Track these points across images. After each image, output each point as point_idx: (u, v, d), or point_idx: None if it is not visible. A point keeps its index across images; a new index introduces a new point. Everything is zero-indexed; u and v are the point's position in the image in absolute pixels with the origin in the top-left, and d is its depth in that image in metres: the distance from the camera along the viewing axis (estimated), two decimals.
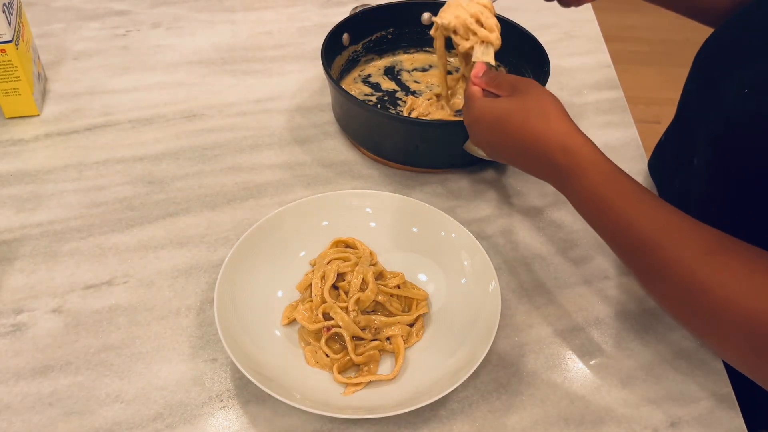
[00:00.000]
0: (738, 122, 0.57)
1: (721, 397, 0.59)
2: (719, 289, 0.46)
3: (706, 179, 0.63)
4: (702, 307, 0.48)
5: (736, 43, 0.63)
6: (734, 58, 0.62)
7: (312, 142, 0.83)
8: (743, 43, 0.61)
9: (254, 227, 0.65)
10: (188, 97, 0.90)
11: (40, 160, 0.79)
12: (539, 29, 0.86)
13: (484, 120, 0.61)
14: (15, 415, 0.56)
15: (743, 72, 0.58)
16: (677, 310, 0.51)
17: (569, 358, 0.62)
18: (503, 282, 0.67)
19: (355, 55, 0.90)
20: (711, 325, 0.48)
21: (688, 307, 0.49)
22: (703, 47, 0.67)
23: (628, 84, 1.04)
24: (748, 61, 0.59)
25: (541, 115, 0.57)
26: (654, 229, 0.50)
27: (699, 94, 0.67)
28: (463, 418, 0.57)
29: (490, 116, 0.60)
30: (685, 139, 0.70)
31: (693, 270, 0.48)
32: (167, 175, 0.78)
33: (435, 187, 0.78)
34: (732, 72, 0.60)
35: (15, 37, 0.78)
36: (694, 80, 0.69)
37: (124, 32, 1.02)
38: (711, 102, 0.63)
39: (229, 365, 0.60)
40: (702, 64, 0.67)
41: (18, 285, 0.66)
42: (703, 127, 0.64)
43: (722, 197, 0.52)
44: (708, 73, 0.66)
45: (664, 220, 0.51)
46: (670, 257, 0.49)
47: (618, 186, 0.53)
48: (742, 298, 0.45)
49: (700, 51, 0.67)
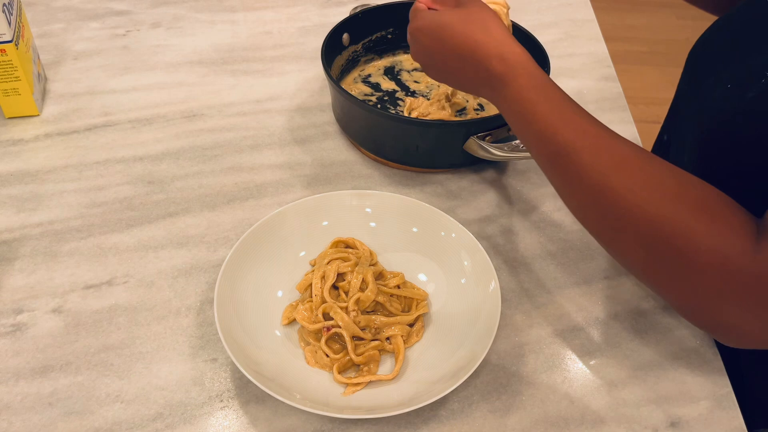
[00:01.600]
0: (722, 118, 0.58)
1: (721, 397, 0.59)
2: (628, 195, 0.49)
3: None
4: (610, 211, 0.51)
5: (723, 41, 0.64)
6: (721, 57, 0.62)
7: (312, 142, 0.83)
8: (730, 43, 0.62)
9: (254, 227, 0.65)
10: (188, 97, 0.90)
11: (40, 160, 0.79)
12: (539, 29, 0.86)
13: (425, 29, 0.63)
14: (15, 415, 0.56)
15: (727, 69, 0.59)
16: (589, 216, 0.54)
17: (569, 358, 0.62)
18: (503, 282, 0.67)
19: (355, 55, 0.90)
20: (617, 230, 0.52)
21: (598, 212, 0.52)
22: (694, 46, 0.68)
23: (628, 84, 1.04)
24: (732, 60, 0.60)
25: (481, 25, 0.59)
26: (574, 135, 0.53)
27: (688, 92, 0.68)
28: (463, 418, 0.57)
29: (432, 25, 0.62)
30: (677, 138, 0.71)
31: (606, 175, 0.51)
32: (167, 175, 0.78)
33: (435, 187, 0.78)
34: (718, 71, 0.61)
35: (15, 37, 0.78)
36: (685, 79, 0.70)
37: (124, 32, 1.02)
38: (698, 100, 0.64)
39: (229, 365, 0.60)
40: (691, 63, 0.68)
41: (18, 285, 0.66)
42: (692, 125, 0.64)
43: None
44: (696, 72, 0.67)
45: (585, 128, 0.53)
46: (587, 163, 0.52)
47: (545, 92, 0.55)
48: (647, 204, 0.49)
49: (691, 50, 0.68)
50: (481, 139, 0.73)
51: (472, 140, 0.73)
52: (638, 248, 0.51)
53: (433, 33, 0.62)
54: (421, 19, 0.64)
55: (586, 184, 0.52)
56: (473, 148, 0.73)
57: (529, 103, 0.55)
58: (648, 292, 0.67)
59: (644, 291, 0.67)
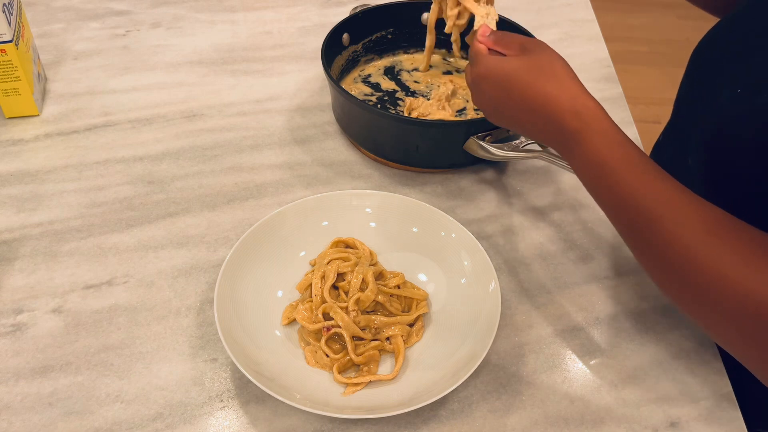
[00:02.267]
0: (730, 122, 0.57)
1: (721, 397, 0.59)
2: (715, 268, 0.46)
3: (700, 179, 0.63)
4: (696, 285, 0.47)
5: (729, 42, 0.63)
6: (727, 58, 0.61)
7: (312, 142, 0.83)
8: (736, 43, 0.61)
9: (254, 227, 0.65)
10: (188, 97, 0.90)
11: (40, 160, 0.79)
12: (539, 29, 0.86)
13: (491, 77, 0.59)
14: (15, 415, 0.56)
15: (735, 71, 0.58)
16: (671, 286, 0.50)
17: (569, 358, 0.62)
18: (503, 282, 0.67)
19: (355, 55, 0.90)
20: (703, 305, 0.48)
21: (682, 284, 0.48)
22: (698, 47, 0.67)
23: (628, 84, 1.04)
24: (740, 61, 0.59)
25: (552, 76, 0.56)
26: (655, 202, 0.49)
27: (692, 94, 0.67)
28: (463, 418, 0.57)
29: (498, 73, 0.58)
30: (680, 139, 0.70)
31: (691, 247, 0.47)
32: (167, 175, 0.78)
33: (435, 187, 0.78)
34: (724, 71, 0.60)
35: (15, 37, 0.78)
36: (689, 80, 0.69)
37: (124, 32, 1.02)
38: (704, 102, 0.63)
39: (229, 365, 0.60)
40: (696, 64, 0.67)
41: (18, 285, 0.66)
42: (697, 127, 0.64)
43: (716, 198, 0.52)
44: (701, 73, 0.66)
45: (667, 194, 0.49)
46: (669, 232, 0.48)
47: (623, 153, 0.52)
48: (737, 278, 0.45)
49: (694, 51, 0.67)
50: (481, 139, 0.73)
51: (472, 140, 0.73)
52: (728, 324, 0.47)
53: (500, 83, 0.58)
54: (485, 65, 0.59)
55: (670, 255, 0.48)
56: (473, 148, 0.73)
57: (606, 166, 0.52)
58: (648, 292, 0.67)
59: (644, 291, 0.67)
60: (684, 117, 0.70)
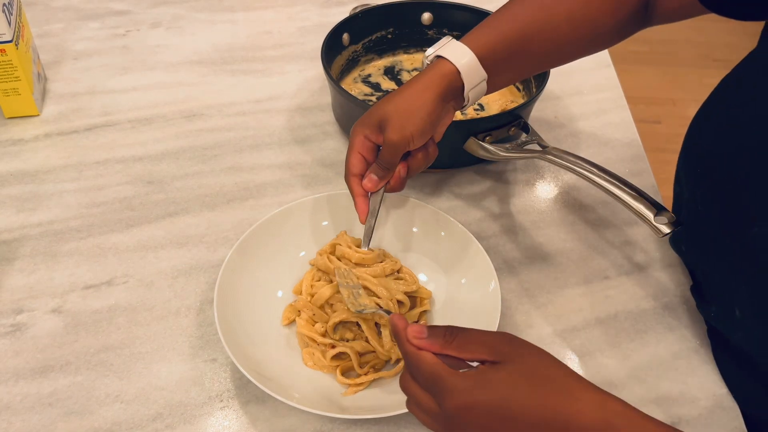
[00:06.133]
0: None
1: (721, 397, 0.59)
2: None
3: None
4: None
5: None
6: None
7: (312, 142, 0.83)
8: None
9: (254, 227, 0.65)
10: (188, 97, 0.90)
11: (40, 160, 0.79)
12: None
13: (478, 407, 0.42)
14: (15, 415, 0.56)
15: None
16: None
17: (569, 358, 0.62)
18: (503, 282, 0.67)
19: (355, 55, 0.90)
20: None
21: None
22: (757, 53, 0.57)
23: (628, 84, 1.04)
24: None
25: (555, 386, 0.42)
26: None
27: (737, 99, 0.58)
28: None
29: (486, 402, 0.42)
30: (707, 145, 0.61)
31: None
32: (167, 175, 0.78)
33: (435, 187, 0.78)
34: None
35: (15, 37, 0.78)
36: (732, 85, 0.59)
37: (124, 32, 1.02)
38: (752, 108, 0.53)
39: (229, 365, 0.60)
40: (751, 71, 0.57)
41: (18, 285, 0.66)
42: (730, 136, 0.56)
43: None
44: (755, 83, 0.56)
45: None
46: None
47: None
48: None
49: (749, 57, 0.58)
50: (481, 139, 0.73)
51: (472, 140, 0.73)
52: None
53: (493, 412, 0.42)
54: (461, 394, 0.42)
55: None
56: (473, 148, 0.73)
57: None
58: (648, 292, 0.67)
59: (644, 291, 0.67)
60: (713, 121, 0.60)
